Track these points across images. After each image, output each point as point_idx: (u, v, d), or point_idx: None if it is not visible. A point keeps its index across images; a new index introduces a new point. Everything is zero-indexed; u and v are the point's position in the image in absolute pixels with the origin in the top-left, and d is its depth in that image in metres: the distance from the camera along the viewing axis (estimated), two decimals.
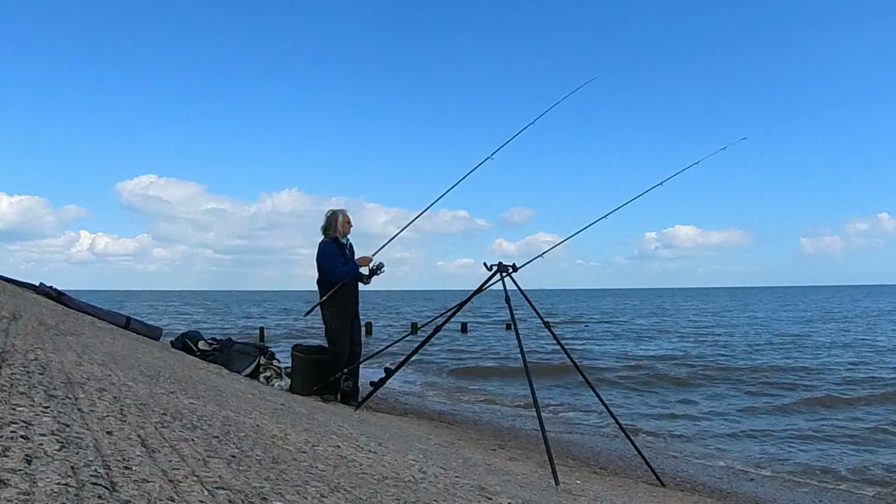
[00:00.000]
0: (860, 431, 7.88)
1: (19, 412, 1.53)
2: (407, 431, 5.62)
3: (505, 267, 5.53)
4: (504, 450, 5.79)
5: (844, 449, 7.12)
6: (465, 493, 2.79)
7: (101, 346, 4.07)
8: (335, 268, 6.46)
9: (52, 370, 2.29)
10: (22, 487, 1.05)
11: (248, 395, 4.32)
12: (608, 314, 42.57)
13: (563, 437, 7.18)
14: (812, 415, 9.00)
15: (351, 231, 6.78)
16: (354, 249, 6.83)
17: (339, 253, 6.59)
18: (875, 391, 10.72)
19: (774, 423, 8.46)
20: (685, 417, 8.96)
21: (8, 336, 2.85)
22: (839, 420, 8.57)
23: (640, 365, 14.50)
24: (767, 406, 9.71)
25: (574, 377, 9.31)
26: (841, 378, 12.19)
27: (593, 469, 5.70)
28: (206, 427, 2.23)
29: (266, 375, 7.25)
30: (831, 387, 11.24)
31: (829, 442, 7.41)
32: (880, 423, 8.22)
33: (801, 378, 12.24)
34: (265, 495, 1.48)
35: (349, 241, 6.80)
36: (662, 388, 11.48)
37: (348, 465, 2.52)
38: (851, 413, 9.05)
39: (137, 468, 1.37)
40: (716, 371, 13.35)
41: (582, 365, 7.04)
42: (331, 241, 6.61)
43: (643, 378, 12.59)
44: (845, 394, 10.53)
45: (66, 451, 1.31)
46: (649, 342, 21.37)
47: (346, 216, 6.76)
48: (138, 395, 2.40)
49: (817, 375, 12.57)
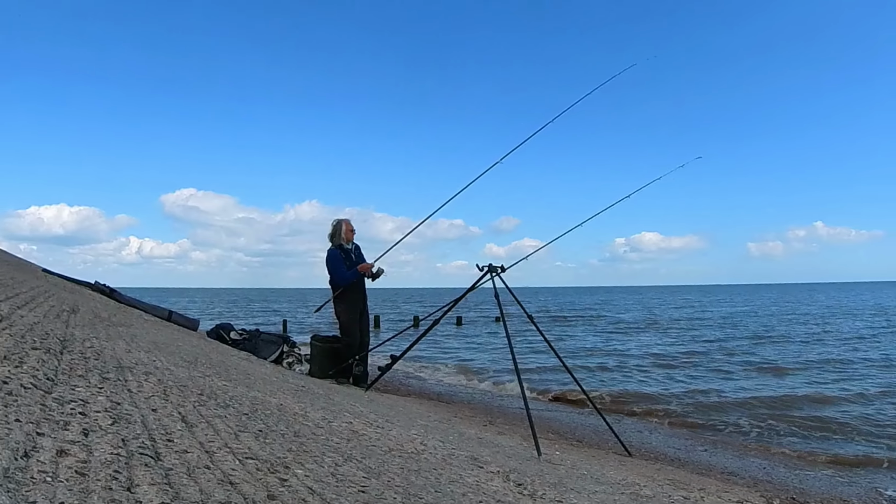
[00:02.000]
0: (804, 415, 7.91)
1: (78, 392, 1.54)
2: (410, 410, 5.61)
3: (494, 268, 5.54)
4: (493, 425, 5.79)
5: (786, 427, 7.15)
6: (460, 462, 2.80)
7: (147, 335, 4.07)
8: (340, 273, 6.46)
9: (106, 356, 2.29)
10: (80, 457, 1.06)
11: (272, 378, 4.32)
12: (598, 308, 42.56)
13: (545, 415, 7.18)
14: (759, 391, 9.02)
15: (356, 236, 6.76)
16: (362, 251, 6.78)
17: (344, 258, 6.57)
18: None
19: (729, 400, 8.49)
20: (653, 398, 8.97)
21: (68, 327, 2.85)
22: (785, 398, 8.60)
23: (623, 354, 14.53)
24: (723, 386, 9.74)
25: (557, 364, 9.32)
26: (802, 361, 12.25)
27: (570, 442, 5.70)
28: (237, 406, 2.24)
29: (288, 361, 7.25)
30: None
31: (774, 420, 7.44)
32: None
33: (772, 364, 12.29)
34: (288, 464, 1.48)
35: (354, 245, 6.74)
36: (640, 371, 11.50)
37: (359, 439, 2.52)
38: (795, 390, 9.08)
39: (178, 440, 1.38)
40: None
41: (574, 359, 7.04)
42: (336, 248, 6.58)
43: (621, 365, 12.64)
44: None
45: (118, 426, 1.32)
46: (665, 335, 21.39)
47: (349, 224, 6.72)
48: (179, 378, 2.40)
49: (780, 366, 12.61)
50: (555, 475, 3.34)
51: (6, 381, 1.39)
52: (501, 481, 2.57)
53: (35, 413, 1.23)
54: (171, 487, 1.04)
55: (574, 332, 21.58)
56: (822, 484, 5.01)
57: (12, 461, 0.93)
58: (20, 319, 2.52)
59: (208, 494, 1.06)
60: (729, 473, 5.10)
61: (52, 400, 1.38)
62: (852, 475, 5.36)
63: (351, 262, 6.56)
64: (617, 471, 4.19)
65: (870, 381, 10.28)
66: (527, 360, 11.83)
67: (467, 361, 13.08)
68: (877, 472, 5.51)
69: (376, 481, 1.67)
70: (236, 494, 1.10)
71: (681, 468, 5.07)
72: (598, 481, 3.51)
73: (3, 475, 0.87)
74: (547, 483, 2.89)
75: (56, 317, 3.11)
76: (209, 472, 1.19)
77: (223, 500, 1.04)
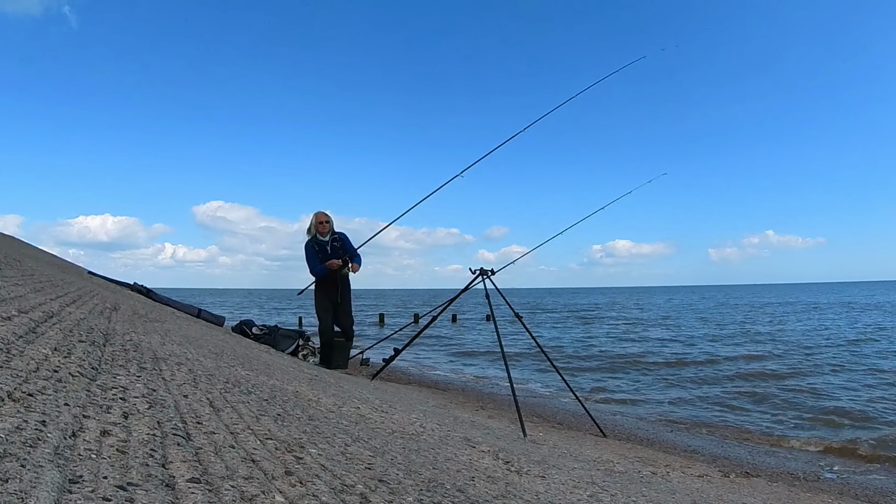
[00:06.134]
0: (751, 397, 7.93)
1: (118, 379, 1.54)
2: (410, 396, 5.60)
3: (485, 271, 5.55)
4: (484, 410, 5.78)
5: (749, 409, 7.17)
6: (455, 443, 2.80)
7: (179, 330, 4.05)
8: (311, 266, 6.12)
9: (143, 348, 2.29)
10: (121, 436, 1.06)
11: (289, 368, 4.31)
12: (604, 308, 42.56)
13: (530, 401, 7.18)
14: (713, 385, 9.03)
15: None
16: (349, 240, 6.28)
17: (318, 250, 6.12)
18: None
19: (691, 391, 8.50)
20: (625, 389, 8.98)
21: (110, 322, 2.85)
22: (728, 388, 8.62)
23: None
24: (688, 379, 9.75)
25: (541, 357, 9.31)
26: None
27: (552, 424, 5.70)
28: (258, 392, 2.24)
29: (303, 353, 7.23)
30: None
31: (728, 401, 7.46)
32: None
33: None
34: (303, 444, 1.49)
35: (338, 235, 6.22)
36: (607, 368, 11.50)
37: (366, 422, 2.52)
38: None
39: (206, 423, 1.38)
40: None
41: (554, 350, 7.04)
42: (310, 241, 6.16)
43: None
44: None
45: (153, 410, 1.32)
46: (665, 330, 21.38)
47: (322, 216, 6.20)
48: (207, 368, 2.40)
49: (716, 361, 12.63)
50: (538, 454, 3.34)
51: (56, 370, 1.39)
52: (491, 459, 2.57)
53: (81, 398, 1.23)
54: (201, 464, 1.04)
55: (554, 326, 21.61)
56: (771, 460, 5.02)
57: (62, 440, 0.93)
58: (69, 315, 2.52)
59: (233, 470, 1.06)
60: (691, 451, 5.11)
61: (96, 387, 1.38)
62: (797, 452, 5.38)
63: (325, 255, 6.09)
64: (593, 450, 4.19)
65: (825, 364, 10.34)
66: (513, 352, 11.83)
67: (461, 354, 13.06)
68: (819, 448, 5.53)
69: (381, 459, 1.67)
70: (257, 470, 1.10)
71: (649, 447, 5.08)
72: (576, 459, 3.52)
73: (53, 452, 0.87)
74: (532, 461, 2.89)
75: (100, 313, 3.10)
76: (234, 450, 1.20)
77: (246, 476, 1.05)
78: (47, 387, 1.22)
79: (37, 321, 2.04)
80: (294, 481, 1.10)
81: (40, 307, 2.44)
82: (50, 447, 0.88)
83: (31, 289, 3.12)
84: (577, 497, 2.26)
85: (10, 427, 0.91)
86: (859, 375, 9.34)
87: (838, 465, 4.98)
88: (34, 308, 2.34)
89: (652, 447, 5.13)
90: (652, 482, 3.23)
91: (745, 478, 4.14)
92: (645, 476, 3.41)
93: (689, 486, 3.38)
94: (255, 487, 1.00)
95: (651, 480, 3.29)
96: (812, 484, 4.33)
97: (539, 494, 2.03)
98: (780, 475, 4.49)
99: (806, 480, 4.42)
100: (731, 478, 4.04)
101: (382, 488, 1.28)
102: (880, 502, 4.01)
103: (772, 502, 3.40)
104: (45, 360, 1.46)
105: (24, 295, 2.70)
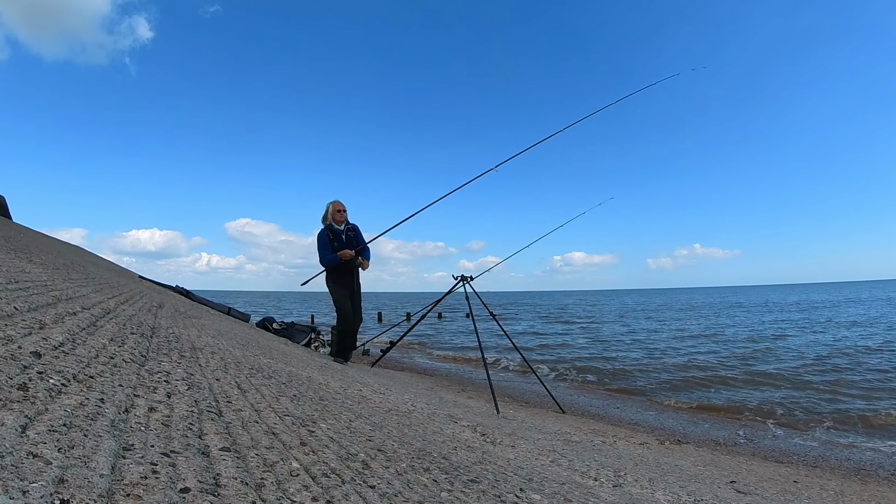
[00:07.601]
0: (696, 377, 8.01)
1: (163, 365, 1.53)
2: (404, 381, 5.58)
3: (466, 277, 5.58)
4: (465, 392, 5.77)
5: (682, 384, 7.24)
6: (441, 419, 2.80)
7: (213, 325, 4.00)
8: (322, 254, 5.06)
9: (183, 340, 2.27)
10: (165, 412, 1.06)
11: (304, 357, 4.27)
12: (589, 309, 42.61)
13: (502, 384, 7.18)
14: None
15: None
16: (361, 232, 5.24)
17: (332, 238, 5.07)
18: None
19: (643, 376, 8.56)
20: (582, 369, 9.01)
21: (157, 318, 2.81)
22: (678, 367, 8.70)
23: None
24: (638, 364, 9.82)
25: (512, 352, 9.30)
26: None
27: (520, 403, 5.71)
28: (277, 377, 2.23)
29: (315, 345, 7.17)
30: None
31: (663, 380, 7.53)
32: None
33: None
34: (315, 420, 1.49)
35: (351, 225, 5.19)
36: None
37: (367, 402, 2.52)
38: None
39: (235, 402, 1.38)
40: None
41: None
42: (325, 230, 5.11)
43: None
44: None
45: (191, 391, 1.32)
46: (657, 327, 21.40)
47: (338, 205, 5.17)
48: (235, 357, 2.38)
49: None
50: (509, 427, 3.35)
51: (112, 357, 1.38)
52: (471, 432, 2.58)
53: (133, 380, 1.22)
54: (230, 436, 1.04)
55: (519, 321, 21.65)
56: (698, 429, 5.08)
57: (117, 415, 0.94)
58: (122, 312, 2.49)
59: (257, 441, 1.06)
60: (634, 424, 5.15)
61: (144, 371, 1.37)
62: (720, 421, 5.45)
63: (340, 243, 5.07)
64: (554, 423, 4.21)
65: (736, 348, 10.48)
66: (489, 344, 11.82)
67: (446, 345, 13.02)
68: (738, 416, 5.61)
69: (379, 433, 1.68)
70: (277, 441, 1.11)
71: (600, 421, 5.11)
72: (540, 431, 3.53)
73: (110, 425, 0.87)
74: (503, 433, 2.90)
75: (148, 310, 3.06)
76: (257, 425, 1.20)
77: (268, 445, 1.05)
78: (105, 371, 1.21)
79: (97, 316, 2.02)
80: (307, 450, 1.11)
81: (99, 305, 2.41)
82: (107, 420, 0.88)
83: (92, 289, 3.07)
84: (541, 463, 2.27)
85: (75, 403, 0.91)
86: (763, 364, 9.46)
87: (749, 432, 5.06)
88: (95, 305, 2.32)
89: (602, 420, 5.16)
90: (602, 449, 3.26)
91: (677, 444, 4.19)
92: (597, 444, 3.44)
93: (632, 452, 3.41)
94: (276, 455, 1.00)
95: (602, 448, 3.32)
96: (731, 448, 4.39)
97: (510, 461, 2.04)
98: (705, 442, 4.55)
99: (725, 445, 4.48)
100: (666, 445, 4.08)
101: (381, 456, 1.29)
102: (783, 460, 4.08)
103: (699, 464, 3.45)
104: (103, 349, 1.45)
105: (86, 294, 2.66)
